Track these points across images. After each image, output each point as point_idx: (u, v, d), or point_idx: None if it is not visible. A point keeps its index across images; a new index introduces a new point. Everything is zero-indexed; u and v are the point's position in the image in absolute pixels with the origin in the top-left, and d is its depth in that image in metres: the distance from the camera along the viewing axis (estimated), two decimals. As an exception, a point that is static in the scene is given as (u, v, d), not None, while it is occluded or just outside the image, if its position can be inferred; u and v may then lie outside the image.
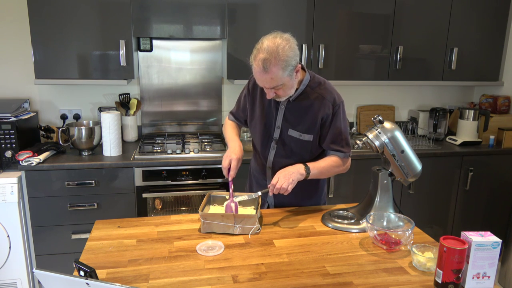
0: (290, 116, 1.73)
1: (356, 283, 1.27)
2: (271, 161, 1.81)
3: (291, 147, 1.76)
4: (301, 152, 1.76)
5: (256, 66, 1.54)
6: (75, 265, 1.14)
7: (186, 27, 2.66)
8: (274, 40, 1.53)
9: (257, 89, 1.82)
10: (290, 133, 1.74)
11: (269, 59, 1.50)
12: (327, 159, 1.75)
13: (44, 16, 2.46)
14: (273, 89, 1.59)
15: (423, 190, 2.92)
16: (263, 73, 1.53)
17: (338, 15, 2.82)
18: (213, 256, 1.42)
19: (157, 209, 2.65)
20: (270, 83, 1.56)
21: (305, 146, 1.75)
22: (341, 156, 1.75)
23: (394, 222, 1.58)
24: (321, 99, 1.70)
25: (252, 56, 1.56)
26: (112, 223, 1.67)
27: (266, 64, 1.50)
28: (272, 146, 1.79)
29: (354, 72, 2.94)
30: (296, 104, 1.72)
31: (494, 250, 1.21)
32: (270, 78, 1.54)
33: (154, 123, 3.07)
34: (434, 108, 3.21)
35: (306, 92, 1.71)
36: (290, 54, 1.53)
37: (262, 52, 1.51)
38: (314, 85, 1.72)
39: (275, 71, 1.52)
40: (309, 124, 1.72)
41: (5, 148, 2.45)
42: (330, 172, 1.76)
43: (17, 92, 2.86)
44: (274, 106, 1.76)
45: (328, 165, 1.73)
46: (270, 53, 1.50)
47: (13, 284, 2.50)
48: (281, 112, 1.74)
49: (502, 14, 3.06)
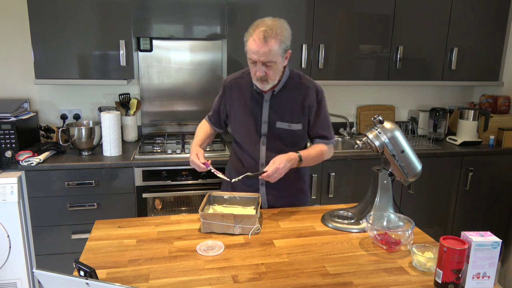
0: (276, 108, 1.77)
1: (356, 283, 1.27)
2: (264, 157, 1.81)
3: (283, 140, 1.79)
4: (294, 142, 1.81)
5: (256, 37, 1.59)
6: (75, 265, 1.14)
7: (186, 27, 2.66)
8: (274, 19, 1.64)
9: (235, 89, 1.83)
10: (278, 125, 1.78)
11: (270, 31, 1.58)
12: (316, 147, 1.82)
13: (44, 16, 2.46)
14: (265, 65, 1.63)
15: (423, 190, 2.92)
16: (263, 44, 1.58)
17: (338, 15, 2.82)
18: (213, 256, 1.42)
19: (157, 209, 2.65)
20: (267, 56, 1.60)
21: (296, 135, 1.80)
22: (328, 143, 1.84)
23: (394, 222, 1.58)
24: (305, 88, 1.78)
25: (250, 31, 1.63)
26: (112, 223, 1.67)
27: (267, 34, 1.58)
28: (262, 142, 1.80)
29: (354, 72, 2.94)
30: (281, 96, 1.77)
31: (494, 250, 1.21)
32: (268, 50, 1.59)
33: (154, 123, 3.07)
34: (434, 108, 3.21)
35: (289, 83, 1.78)
36: (287, 34, 1.64)
37: (263, 25, 1.60)
38: (294, 77, 1.80)
39: (273, 43, 1.59)
40: (296, 113, 1.78)
41: (5, 148, 2.45)
42: (319, 160, 1.83)
43: (17, 92, 2.86)
44: (258, 102, 1.79)
45: (318, 153, 1.80)
46: (271, 27, 1.59)
47: (13, 284, 2.50)
48: (266, 106, 1.78)
49: (502, 14, 3.06)
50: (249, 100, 1.80)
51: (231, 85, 1.85)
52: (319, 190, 2.76)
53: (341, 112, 3.31)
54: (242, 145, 1.86)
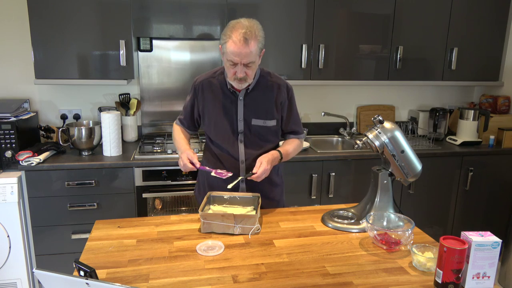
0: (250, 106, 1.81)
1: (356, 283, 1.27)
2: (243, 154, 1.83)
3: (259, 136, 1.83)
4: (270, 138, 1.86)
5: (237, 40, 1.60)
6: (75, 265, 1.14)
7: (186, 27, 2.66)
8: (248, 20, 1.65)
9: (207, 90, 1.83)
10: (254, 122, 1.82)
11: (250, 32, 1.60)
12: (291, 143, 1.90)
13: (44, 16, 2.46)
14: (246, 66, 1.65)
15: (423, 190, 2.92)
16: (244, 46, 1.60)
17: (338, 15, 2.82)
18: (213, 256, 1.42)
19: (157, 209, 2.65)
20: (248, 57, 1.62)
21: (271, 131, 1.85)
22: (300, 137, 1.94)
23: (394, 222, 1.58)
24: (277, 85, 1.83)
25: (227, 32, 1.63)
26: (112, 223, 1.67)
27: (247, 36, 1.59)
28: (240, 140, 1.83)
29: (354, 72, 2.94)
30: (254, 94, 1.81)
31: (494, 250, 1.21)
32: (250, 52, 1.61)
33: (154, 123, 3.07)
34: (434, 108, 3.21)
35: (261, 82, 1.82)
36: (262, 34, 1.67)
37: (241, 27, 1.61)
38: (265, 75, 1.85)
39: (253, 45, 1.61)
40: (270, 110, 1.82)
41: (5, 148, 2.45)
42: (294, 154, 1.92)
43: (17, 92, 2.86)
44: (232, 100, 1.81)
45: (294, 148, 1.90)
46: (249, 28, 1.61)
47: (13, 284, 2.50)
48: (241, 105, 1.80)
49: (502, 14, 3.06)
50: (224, 100, 1.81)
51: (203, 86, 1.84)
52: (319, 190, 2.76)
53: (341, 112, 3.31)
54: (219, 144, 1.86)
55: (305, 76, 2.87)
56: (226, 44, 1.63)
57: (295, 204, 2.62)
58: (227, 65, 1.69)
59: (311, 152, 2.76)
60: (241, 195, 1.77)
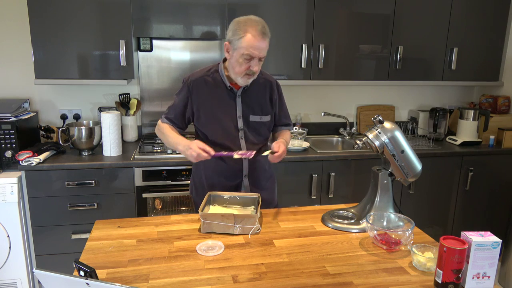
0: (248, 103, 1.85)
1: (356, 283, 1.27)
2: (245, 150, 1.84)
3: (256, 131, 1.87)
4: (264, 133, 1.92)
5: (256, 34, 1.63)
6: (75, 265, 1.14)
7: (186, 27, 2.66)
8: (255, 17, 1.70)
9: (202, 88, 1.81)
10: (252, 118, 1.85)
11: (265, 28, 1.66)
12: (285, 134, 1.97)
13: (44, 16, 2.46)
14: (260, 60, 1.70)
15: (423, 190, 2.92)
16: (263, 40, 1.65)
17: (338, 15, 2.82)
18: (213, 256, 1.42)
19: (157, 209, 2.65)
20: (265, 51, 1.68)
21: (266, 126, 1.91)
22: (291, 129, 2.04)
23: (394, 222, 1.58)
24: (268, 82, 1.90)
25: (243, 27, 1.64)
26: (112, 223, 1.67)
27: (265, 30, 1.65)
28: (241, 136, 1.84)
29: (354, 72, 2.94)
30: (250, 91, 1.85)
31: (494, 250, 1.21)
32: (266, 46, 1.68)
33: (154, 123, 3.06)
34: (434, 108, 3.21)
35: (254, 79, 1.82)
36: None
37: (256, 23, 1.65)
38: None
39: (267, 39, 1.68)
40: (265, 106, 1.88)
41: (5, 148, 2.45)
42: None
43: (17, 92, 2.86)
44: (231, 98, 1.82)
45: (289, 138, 2.00)
46: (263, 24, 1.67)
47: (13, 284, 2.50)
48: (239, 102, 1.83)
49: (502, 14, 3.06)
50: (222, 97, 1.82)
51: (197, 84, 1.82)
52: (319, 190, 2.76)
53: (341, 112, 3.31)
54: (220, 143, 1.83)
55: (305, 76, 2.87)
56: (242, 39, 1.63)
57: (295, 204, 2.62)
58: (239, 61, 1.68)
59: (311, 152, 2.76)
60: (241, 195, 1.77)
